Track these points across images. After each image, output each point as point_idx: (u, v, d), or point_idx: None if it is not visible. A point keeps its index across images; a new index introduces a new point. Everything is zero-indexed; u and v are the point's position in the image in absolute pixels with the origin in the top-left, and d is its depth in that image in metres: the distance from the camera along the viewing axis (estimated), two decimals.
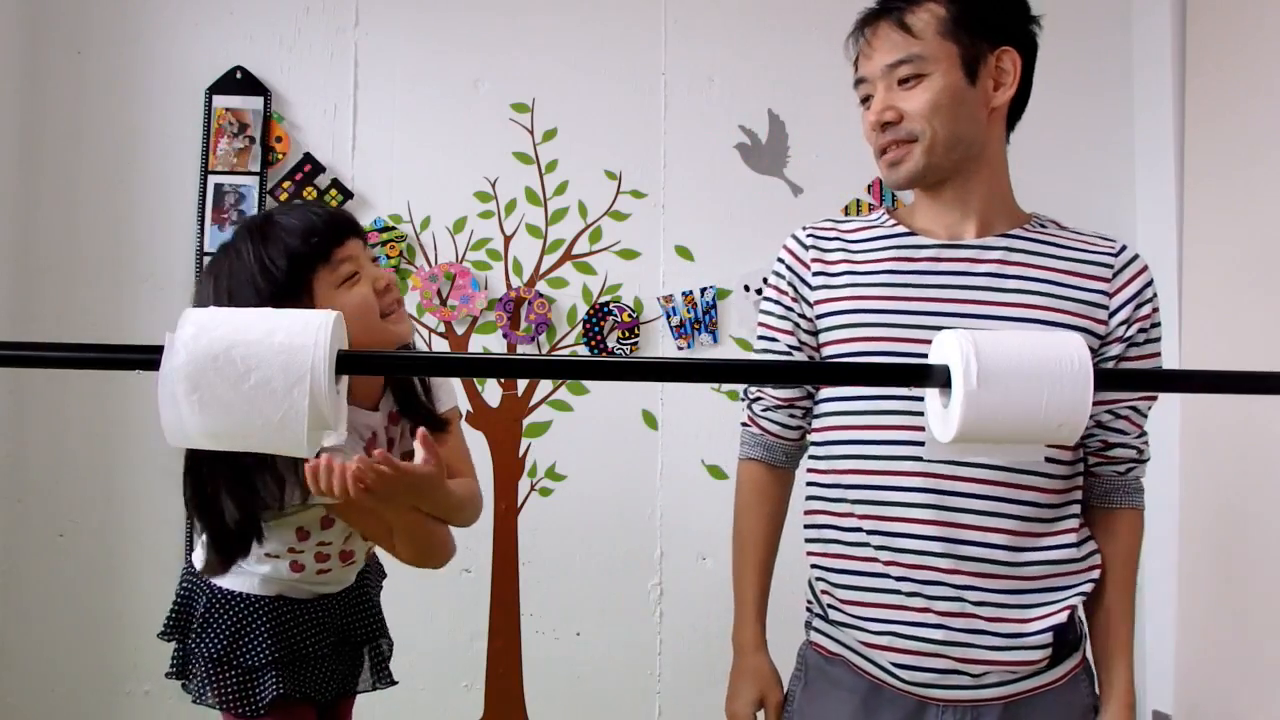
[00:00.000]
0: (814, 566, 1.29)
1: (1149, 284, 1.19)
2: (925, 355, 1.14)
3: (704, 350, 2.37)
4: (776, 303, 1.30)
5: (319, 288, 1.23)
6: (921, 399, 1.12)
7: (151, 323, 2.30)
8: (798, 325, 1.28)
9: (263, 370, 0.64)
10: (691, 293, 2.37)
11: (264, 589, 1.39)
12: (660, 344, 2.37)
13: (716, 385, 2.35)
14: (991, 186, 1.21)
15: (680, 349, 2.37)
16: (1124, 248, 1.21)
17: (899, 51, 1.16)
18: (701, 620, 2.33)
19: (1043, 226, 1.23)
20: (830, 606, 1.25)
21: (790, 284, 1.28)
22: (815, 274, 1.25)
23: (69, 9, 2.34)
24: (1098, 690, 1.23)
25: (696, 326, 2.36)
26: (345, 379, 0.69)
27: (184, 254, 2.33)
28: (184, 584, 1.44)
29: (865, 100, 1.22)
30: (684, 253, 2.39)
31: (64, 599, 2.30)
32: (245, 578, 1.38)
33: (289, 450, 0.66)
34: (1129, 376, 1.14)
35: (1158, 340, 1.21)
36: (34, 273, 2.30)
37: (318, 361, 0.65)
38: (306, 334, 0.65)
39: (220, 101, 2.33)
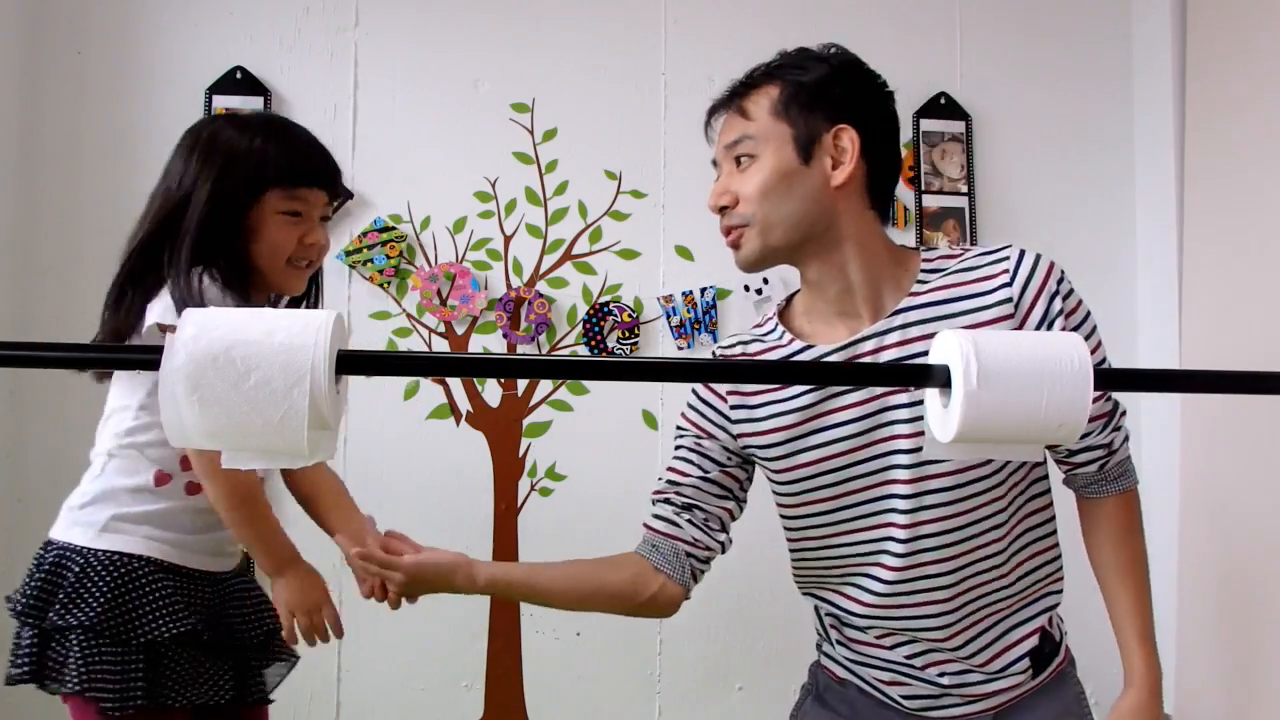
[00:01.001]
0: (812, 601, 1.33)
1: (1054, 295, 1.14)
2: (868, 470, 1.17)
3: (704, 350, 2.37)
4: (690, 435, 1.30)
5: (267, 202, 1.33)
6: (884, 498, 1.17)
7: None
8: (712, 460, 1.27)
9: (263, 370, 0.64)
10: (691, 293, 2.37)
11: (147, 548, 1.30)
12: (660, 344, 2.37)
13: None
14: (868, 265, 1.17)
15: (680, 349, 2.37)
16: (1018, 264, 1.15)
17: (734, 133, 1.18)
18: (701, 620, 2.33)
19: (934, 272, 1.18)
20: (839, 642, 1.30)
21: (706, 417, 1.28)
22: (733, 407, 1.24)
23: (69, 9, 2.34)
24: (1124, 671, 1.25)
25: (696, 326, 2.37)
26: (346, 379, 0.70)
27: None
28: (51, 555, 1.32)
29: None
30: (684, 253, 2.39)
31: None
32: (127, 536, 1.29)
33: (289, 450, 0.67)
34: (1129, 376, 1.15)
35: (1088, 337, 1.16)
36: (34, 273, 2.30)
37: (318, 361, 0.65)
38: (306, 334, 0.65)
39: (220, 101, 2.33)
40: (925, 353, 1.11)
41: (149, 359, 0.66)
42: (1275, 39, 1.99)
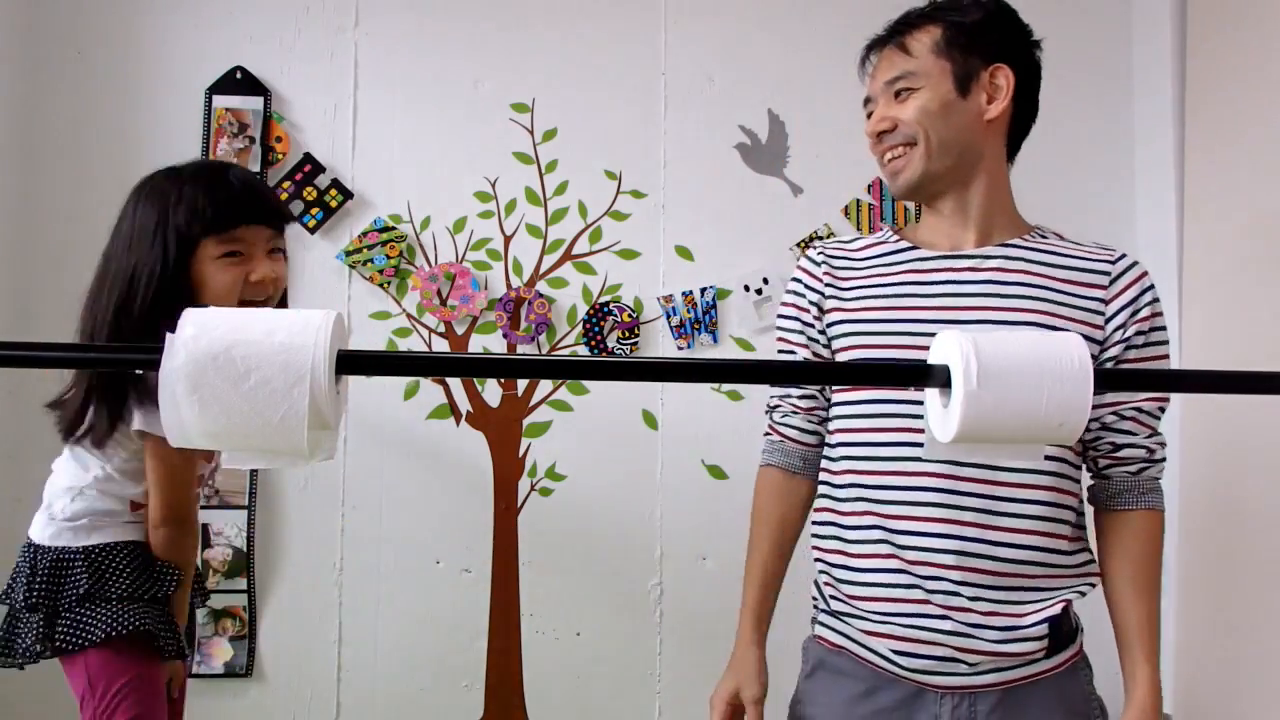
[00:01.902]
0: (818, 560, 1.33)
1: (1147, 289, 1.23)
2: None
3: (704, 350, 2.37)
4: (794, 319, 1.36)
5: (203, 250, 1.34)
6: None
7: None
8: (813, 340, 1.34)
9: (263, 370, 0.64)
10: (691, 293, 2.37)
11: (135, 534, 1.45)
12: (660, 344, 2.37)
13: (716, 385, 2.35)
14: (991, 198, 1.26)
15: (680, 349, 2.37)
16: (1123, 256, 1.25)
17: (896, 69, 1.26)
18: (701, 620, 2.33)
19: (1044, 237, 1.28)
20: (833, 598, 1.29)
21: (806, 298, 1.34)
22: (828, 286, 1.32)
23: (69, 9, 2.34)
24: (1124, 688, 1.24)
25: (696, 326, 2.36)
26: (346, 379, 0.70)
27: None
28: (47, 559, 1.43)
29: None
30: (684, 253, 2.39)
31: None
32: (115, 528, 1.44)
33: (289, 450, 0.67)
34: (1129, 376, 1.15)
35: (1160, 344, 1.23)
36: (34, 273, 2.30)
37: (318, 361, 0.65)
38: (306, 334, 0.65)
39: (220, 101, 2.33)
40: (1016, 285, 1.21)
41: (149, 359, 0.66)
42: (1275, 39, 1.99)
